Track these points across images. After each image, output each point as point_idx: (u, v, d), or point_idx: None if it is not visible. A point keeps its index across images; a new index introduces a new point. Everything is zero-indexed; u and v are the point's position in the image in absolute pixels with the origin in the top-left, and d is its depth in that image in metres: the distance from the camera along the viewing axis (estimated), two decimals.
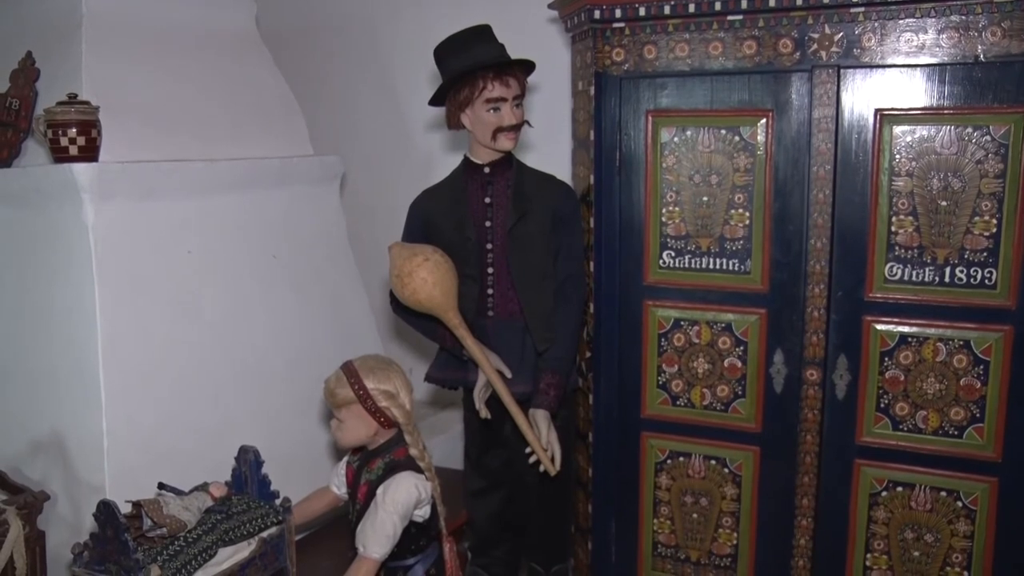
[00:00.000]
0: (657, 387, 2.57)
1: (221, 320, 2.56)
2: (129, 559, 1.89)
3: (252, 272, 2.70)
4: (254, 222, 2.75)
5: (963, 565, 2.31)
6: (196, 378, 2.45)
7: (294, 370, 2.73)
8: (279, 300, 2.77)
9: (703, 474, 2.56)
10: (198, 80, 2.80)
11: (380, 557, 2.10)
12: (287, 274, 2.83)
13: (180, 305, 2.45)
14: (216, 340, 2.53)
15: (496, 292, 2.56)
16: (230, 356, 2.56)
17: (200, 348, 2.48)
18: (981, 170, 2.14)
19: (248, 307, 2.65)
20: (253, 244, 2.73)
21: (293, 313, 2.81)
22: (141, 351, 2.31)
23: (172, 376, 2.38)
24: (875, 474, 2.35)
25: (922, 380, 2.26)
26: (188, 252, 2.51)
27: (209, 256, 2.57)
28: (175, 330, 2.42)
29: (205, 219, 2.59)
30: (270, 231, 2.80)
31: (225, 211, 2.65)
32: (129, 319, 2.31)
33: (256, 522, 2.18)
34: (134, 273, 2.34)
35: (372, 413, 2.14)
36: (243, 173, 2.72)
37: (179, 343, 2.43)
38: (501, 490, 2.76)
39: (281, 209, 2.86)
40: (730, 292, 2.44)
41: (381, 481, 2.13)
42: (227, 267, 2.62)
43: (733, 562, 2.57)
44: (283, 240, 2.84)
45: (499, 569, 2.85)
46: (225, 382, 2.53)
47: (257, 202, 2.77)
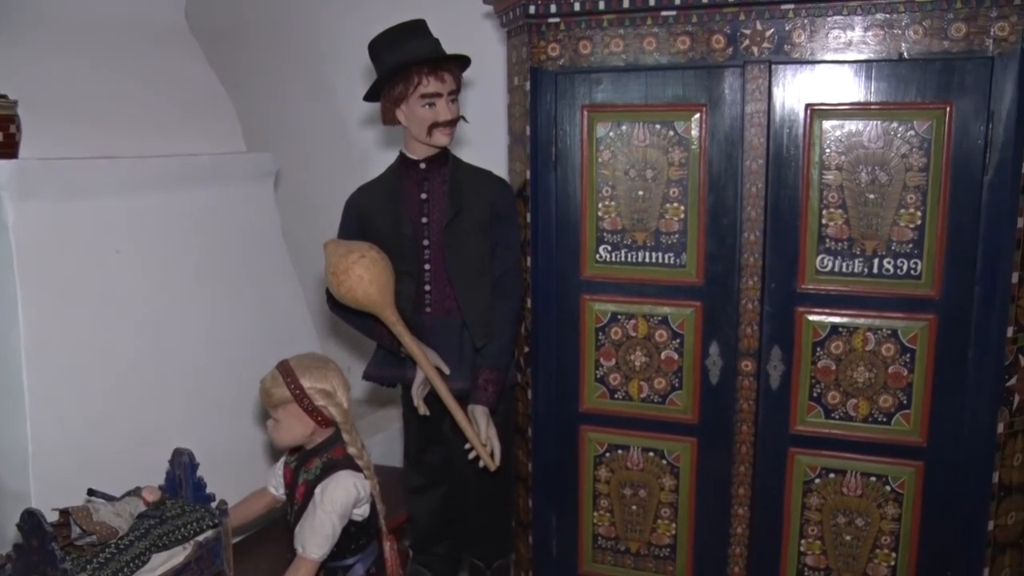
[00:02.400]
0: (595, 381, 2.59)
1: (152, 321, 2.50)
2: (56, 570, 1.84)
3: (184, 272, 2.64)
4: (185, 221, 2.69)
5: (891, 547, 2.38)
6: (127, 381, 2.39)
7: (229, 370, 2.68)
8: (212, 300, 2.71)
9: (641, 466, 2.58)
10: (124, 74, 2.73)
11: (319, 557, 2.07)
12: (220, 273, 2.77)
13: (109, 306, 2.39)
14: (147, 341, 2.47)
15: (433, 288, 2.55)
16: (162, 357, 2.51)
17: (131, 350, 2.42)
18: (906, 164, 2.20)
19: (180, 307, 2.60)
20: (185, 243, 2.67)
21: (227, 313, 2.76)
22: (68, 354, 2.24)
23: (102, 379, 2.32)
24: (808, 462, 2.40)
25: (852, 369, 2.32)
26: (117, 252, 2.44)
27: (139, 256, 2.50)
28: (104, 332, 2.36)
29: (134, 218, 2.52)
30: (202, 230, 2.75)
31: (155, 210, 2.59)
32: (54, 321, 2.24)
33: (191, 526, 2.14)
34: (59, 274, 2.27)
35: (309, 412, 2.11)
36: (173, 170, 2.66)
37: (109, 345, 2.36)
38: (441, 487, 2.76)
39: (213, 207, 2.80)
40: (666, 285, 2.46)
41: (319, 481, 2.11)
42: (158, 267, 2.56)
43: (672, 552, 2.60)
44: (216, 239, 2.79)
45: (440, 566, 2.84)
46: (157, 384, 2.47)
47: (188, 200, 2.71)
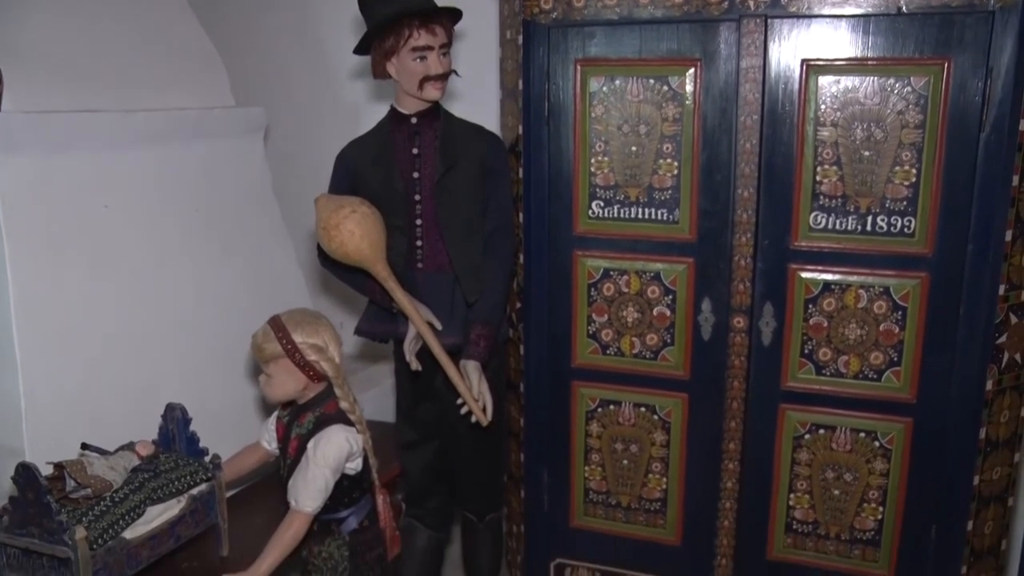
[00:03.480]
0: (587, 336, 2.59)
1: (142, 277, 2.49)
2: (52, 521, 1.85)
3: (174, 227, 2.62)
4: (174, 176, 2.67)
5: (879, 501, 2.41)
6: (118, 336, 2.38)
7: (220, 326, 2.67)
8: (203, 255, 2.70)
9: (633, 421, 2.60)
10: (110, 26, 2.68)
11: (313, 511, 2.09)
12: (210, 229, 2.75)
13: (98, 262, 2.37)
14: (138, 297, 2.46)
15: (425, 244, 2.54)
16: (153, 313, 2.50)
17: (121, 306, 2.41)
18: (902, 120, 2.18)
19: (170, 263, 2.58)
20: (174, 198, 2.65)
21: (218, 268, 2.74)
22: (58, 310, 2.23)
23: (93, 335, 2.31)
24: (799, 417, 2.42)
25: (844, 326, 2.33)
26: (105, 207, 2.42)
27: (127, 211, 2.48)
28: (94, 288, 2.34)
29: (122, 173, 2.49)
30: (191, 185, 2.72)
31: (143, 164, 2.56)
32: (44, 277, 2.22)
33: (185, 479, 2.15)
34: (47, 230, 2.25)
35: (301, 367, 2.11)
36: (161, 125, 2.62)
37: (99, 301, 2.35)
38: (433, 442, 2.77)
39: (202, 162, 2.77)
40: (659, 242, 2.46)
41: (312, 435, 2.12)
42: (147, 222, 2.54)
43: (663, 506, 2.63)
44: (205, 194, 2.76)
45: (433, 520, 2.87)
46: (149, 339, 2.46)
47: (177, 155, 2.68)
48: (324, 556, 2.17)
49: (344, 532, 2.18)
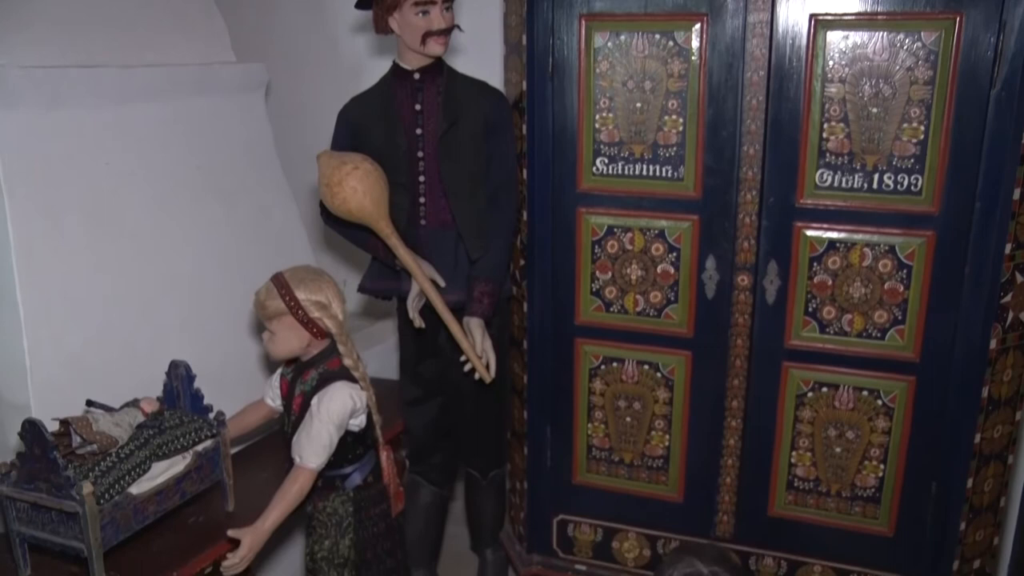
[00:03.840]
0: (591, 294, 2.59)
1: (145, 234, 2.48)
2: (59, 477, 1.86)
3: (175, 184, 2.61)
4: (175, 132, 2.65)
5: (880, 459, 2.42)
6: (121, 294, 2.38)
7: (223, 283, 2.67)
8: (205, 213, 2.69)
9: (636, 379, 2.60)
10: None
11: (317, 467, 2.10)
12: (212, 186, 2.74)
13: (100, 219, 2.36)
14: (140, 255, 2.46)
15: (428, 201, 2.53)
16: (156, 270, 2.49)
17: (124, 263, 2.40)
18: (911, 77, 2.15)
19: (173, 220, 2.57)
20: (175, 155, 2.63)
21: (220, 225, 2.74)
22: (61, 267, 2.23)
23: (96, 292, 2.31)
24: (802, 376, 2.42)
25: (848, 284, 2.32)
26: (106, 164, 2.40)
27: (129, 168, 2.47)
28: (96, 245, 2.34)
29: (122, 129, 2.47)
30: (193, 141, 2.70)
31: (143, 120, 2.54)
32: (45, 234, 2.21)
33: (190, 436, 2.16)
34: (47, 187, 2.24)
35: (304, 324, 2.12)
36: (161, 80, 2.60)
37: (101, 259, 2.34)
38: (436, 399, 2.78)
39: (203, 118, 2.75)
40: (663, 199, 2.44)
41: (315, 392, 2.13)
42: (148, 179, 2.52)
43: (665, 463, 2.64)
44: (207, 151, 2.74)
45: (436, 476, 2.89)
46: (152, 297, 2.46)
47: (177, 111, 2.65)
48: (328, 512, 2.19)
49: (348, 488, 2.20)
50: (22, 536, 1.99)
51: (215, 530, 2.16)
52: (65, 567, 2.02)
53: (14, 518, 1.97)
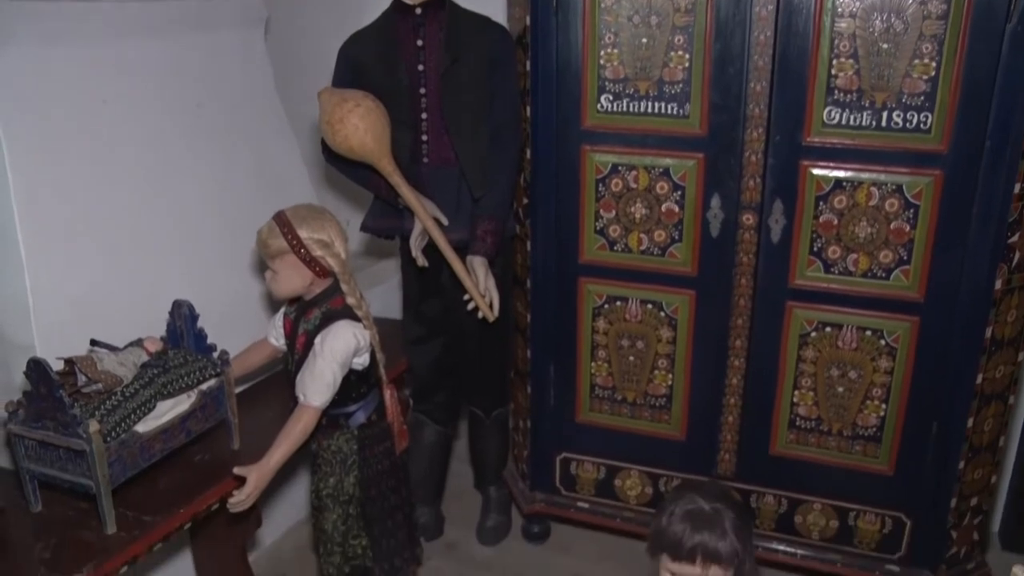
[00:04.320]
0: (594, 232, 2.57)
1: (145, 173, 2.46)
2: (66, 415, 1.87)
3: (175, 123, 2.57)
4: (174, 69, 2.60)
5: (882, 398, 2.43)
6: (122, 234, 2.36)
7: (225, 222, 2.65)
8: (205, 151, 2.66)
9: (639, 318, 2.60)
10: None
11: (321, 405, 2.11)
12: (212, 123, 2.70)
13: (99, 158, 2.33)
14: (141, 194, 2.44)
15: (430, 138, 2.50)
16: (156, 210, 2.48)
17: (124, 203, 2.38)
18: (924, 11, 2.10)
19: (172, 159, 2.54)
20: (174, 93, 2.59)
21: (221, 164, 2.71)
22: (61, 207, 2.21)
23: (97, 232, 2.29)
24: (805, 315, 2.42)
25: (854, 224, 2.30)
26: (103, 102, 2.37)
27: (127, 106, 2.43)
28: (96, 185, 2.32)
29: (119, 66, 2.43)
30: (192, 79, 2.65)
31: (140, 57, 2.49)
32: (44, 174, 2.19)
33: (194, 375, 2.17)
34: (44, 125, 2.20)
35: (306, 263, 2.11)
36: (158, 16, 2.54)
37: (101, 198, 2.32)
38: (440, 338, 2.79)
39: (202, 55, 2.70)
40: (668, 136, 2.41)
41: (319, 330, 2.12)
42: (147, 118, 2.49)
43: (668, 402, 2.66)
44: (206, 88, 2.70)
45: (440, 415, 2.92)
46: (153, 236, 2.45)
47: (175, 48, 2.60)
48: (333, 450, 2.21)
49: (352, 426, 2.21)
50: (32, 473, 2.01)
51: (221, 468, 2.17)
52: (75, 503, 2.04)
53: (23, 456, 1.99)
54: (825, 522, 2.58)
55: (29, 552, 1.90)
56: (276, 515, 2.97)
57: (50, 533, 1.96)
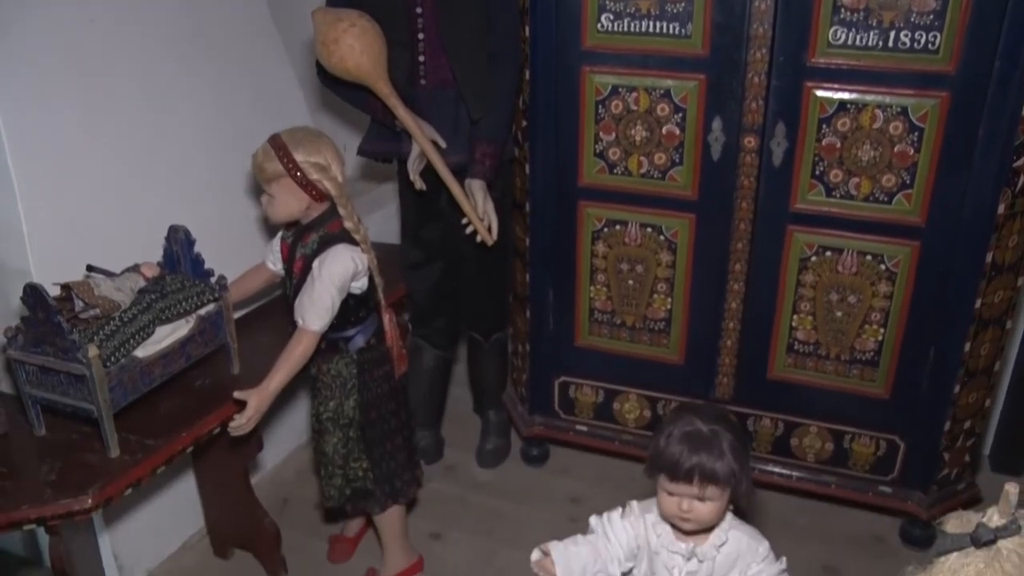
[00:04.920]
0: (594, 155, 2.54)
1: (138, 96, 2.41)
2: (65, 340, 1.87)
3: (167, 44, 2.51)
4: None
5: (880, 323, 2.43)
6: (115, 158, 2.33)
7: (220, 146, 2.62)
8: (199, 73, 2.61)
9: (639, 241, 2.59)
10: None
11: (319, 329, 2.11)
12: (205, 44, 2.64)
13: (89, 80, 2.29)
14: (134, 117, 2.39)
15: (427, 59, 2.45)
16: (150, 134, 2.44)
17: (117, 127, 2.34)
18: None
19: (165, 81, 2.49)
20: (165, 12, 2.53)
21: (215, 87, 2.66)
22: (51, 131, 2.17)
23: (90, 157, 2.26)
24: (806, 239, 2.41)
25: (857, 147, 2.27)
26: (91, 22, 2.31)
27: (116, 27, 2.37)
28: (87, 108, 2.27)
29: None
30: None
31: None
32: (33, 97, 2.14)
33: (192, 300, 2.16)
34: (31, 46, 2.15)
35: (303, 186, 2.08)
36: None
37: (93, 122, 2.28)
38: (438, 262, 2.78)
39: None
40: (670, 57, 2.36)
41: (316, 255, 2.11)
42: (137, 38, 2.43)
43: (667, 325, 2.66)
44: (198, 7, 2.63)
45: (439, 339, 2.92)
46: (147, 161, 2.41)
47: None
48: (333, 374, 2.22)
49: (351, 350, 2.22)
50: (34, 398, 2.02)
51: (221, 392, 2.19)
52: (77, 427, 2.05)
53: (24, 381, 2.00)
54: (820, 445, 2.61)
55: (35, 475, 1.93)
56: (277, 439, 3.00)
57: (54, 456, 1.98)
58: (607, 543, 1.75)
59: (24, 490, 1.88)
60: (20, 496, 1.86)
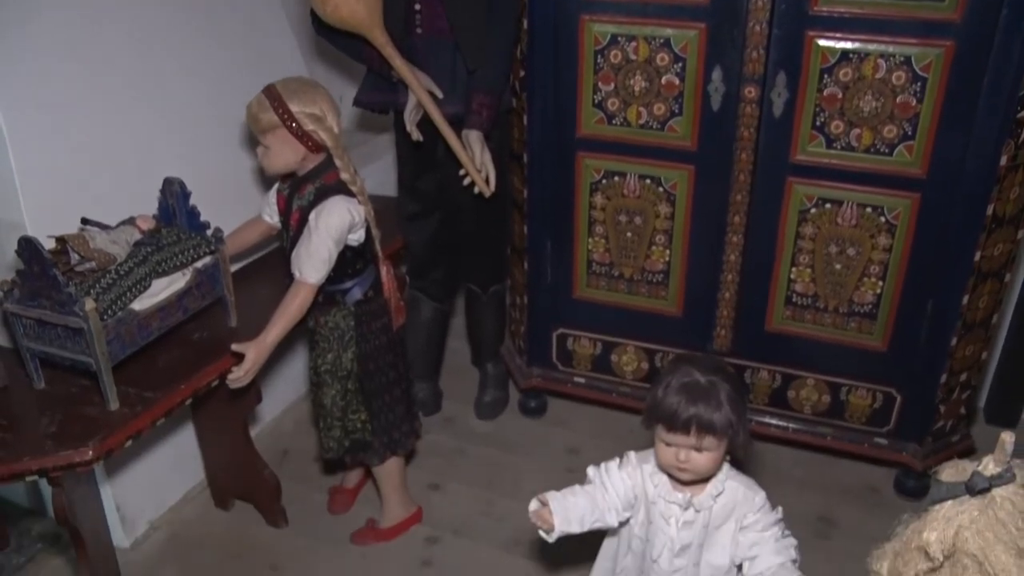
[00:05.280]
0: (593, 106, 2.51)
1: (129, 46, 2.37)
2: (61, 294, 1.87)
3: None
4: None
5: (879, 276, 2.42)
6: (107, 110, 2.30)
7: (214, 97, 2.59)
8: (191, 23, 2.56)
9: (638, 193, 2.57)
10: None
11: (317, 281, 2.11)
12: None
13: (80, 31, 2.25)
14: (125, 68, 2.36)
15: (424, 8, 2.42)
16: (143, 85, 2.40)
17: (108, 77, 2.31)
18: None
19: (158, 31, 2.46)
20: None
21: (208, 37, 2.62)
22: (41, 82, 2.14)
23: (81, 107, 2.23)
24: (806, 191, 2.39)
25: (859, 98, 2.24)
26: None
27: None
28: (78, 58, 2.24)
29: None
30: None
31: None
32: (24, 49, 2.11)
33: (188, 253, 2.15)
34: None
35: (298, 137, 2.06)
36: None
37: (85, 72, 2.25)
38: (436, 214, 2.77)
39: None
40: (669, 5, 2.32)
41: (313, 206, 2.10)
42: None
43: (665, 277, 2.65)
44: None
45: (437, 291, 2.92)
46: (141, 113, 2.38)
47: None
48: (330, 326, 2.22)
49: (349, 302, 2.21)
50: (32, 351, 2.02)
51: (219, 345, 2.19)
52: (76, 381, 2.06)
53: (22, 334, 1.99)
54: (817, 397, 2.62)
55: (35, 427, 1.94)
56: (276, 392, 3.01)
57: (54, 409, 1.99)
58: (604, 493, 1.77)
59: (25, 442, 1.89)
60: (21, 448, 1.87)
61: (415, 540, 2.54)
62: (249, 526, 2.59)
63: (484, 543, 2.52)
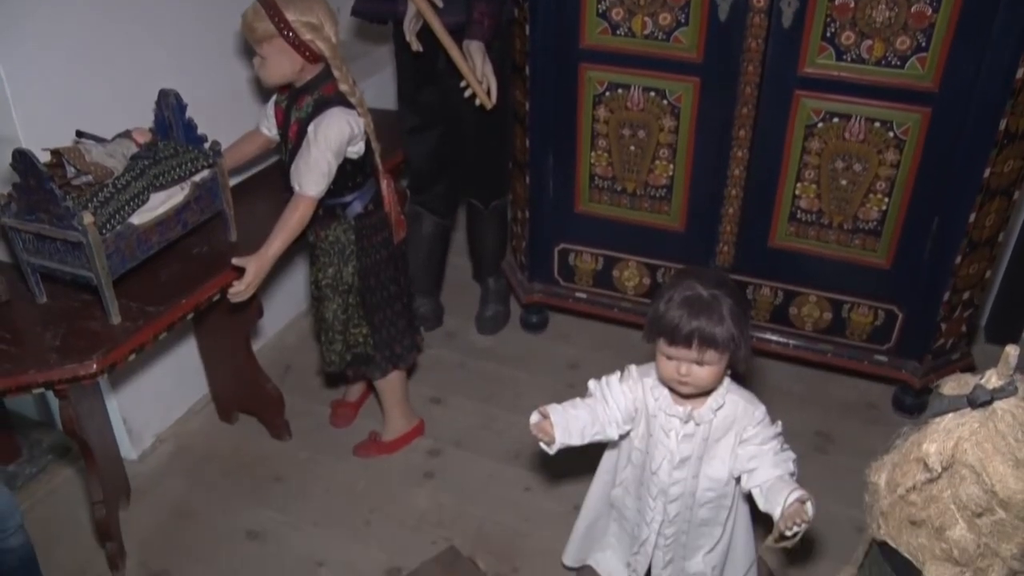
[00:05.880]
0: (596, 15, 2.45)
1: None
2: (59, 207, 1.85)
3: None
4: None
5: (885, 192, 2.40)
6: (100, 19, 2.23)
7: (208, 5, 2.52)
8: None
9: (641, 106, 2.52)
10: None
11: (316, 194, 2.09)
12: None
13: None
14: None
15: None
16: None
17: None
18: None
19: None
20: None
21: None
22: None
23: (72, 17, 2.17)
24: (813, 105, 2.34)
25: (872, 7, 2.17)
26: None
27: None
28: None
29: None
30: None
31: None
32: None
33: (186, 166, 2.13)
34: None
35: (295, 47, 2.01)
36: None
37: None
38: (437, 127, 2.73)
39: None
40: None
41: (312, 118, 2.07)
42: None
43: (668, 192, 2.63)
44: None
45: (438, 206, 2.90)
46: (133, 22, 2.31)
47: None
48: (331, 240, 2.21)
49: (349, 216, 2.20)
50: (32, 266, 2.01)
51: (220, 259, 2.18)
52: (78, 295, 2.06)
53: (21, 249, 1.98)
54: (819, 314, 2.62)
55: (39, 341, 1.94)
56: (277, 306, 3.02)
57: (57, 323, 1.99)
58: (605, 406, 1.78)
59: (30, 356, 1.90)
60: (26, 361, 1.88)
61: (417, 453, 2.57)
62: (253, 439, 2.62)
63: (485, 455, 2.55)
